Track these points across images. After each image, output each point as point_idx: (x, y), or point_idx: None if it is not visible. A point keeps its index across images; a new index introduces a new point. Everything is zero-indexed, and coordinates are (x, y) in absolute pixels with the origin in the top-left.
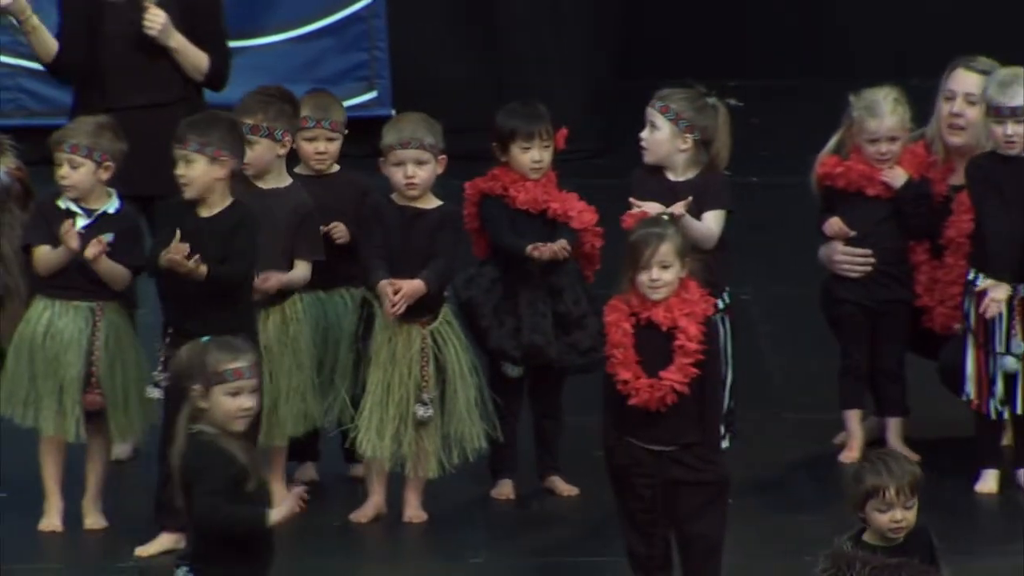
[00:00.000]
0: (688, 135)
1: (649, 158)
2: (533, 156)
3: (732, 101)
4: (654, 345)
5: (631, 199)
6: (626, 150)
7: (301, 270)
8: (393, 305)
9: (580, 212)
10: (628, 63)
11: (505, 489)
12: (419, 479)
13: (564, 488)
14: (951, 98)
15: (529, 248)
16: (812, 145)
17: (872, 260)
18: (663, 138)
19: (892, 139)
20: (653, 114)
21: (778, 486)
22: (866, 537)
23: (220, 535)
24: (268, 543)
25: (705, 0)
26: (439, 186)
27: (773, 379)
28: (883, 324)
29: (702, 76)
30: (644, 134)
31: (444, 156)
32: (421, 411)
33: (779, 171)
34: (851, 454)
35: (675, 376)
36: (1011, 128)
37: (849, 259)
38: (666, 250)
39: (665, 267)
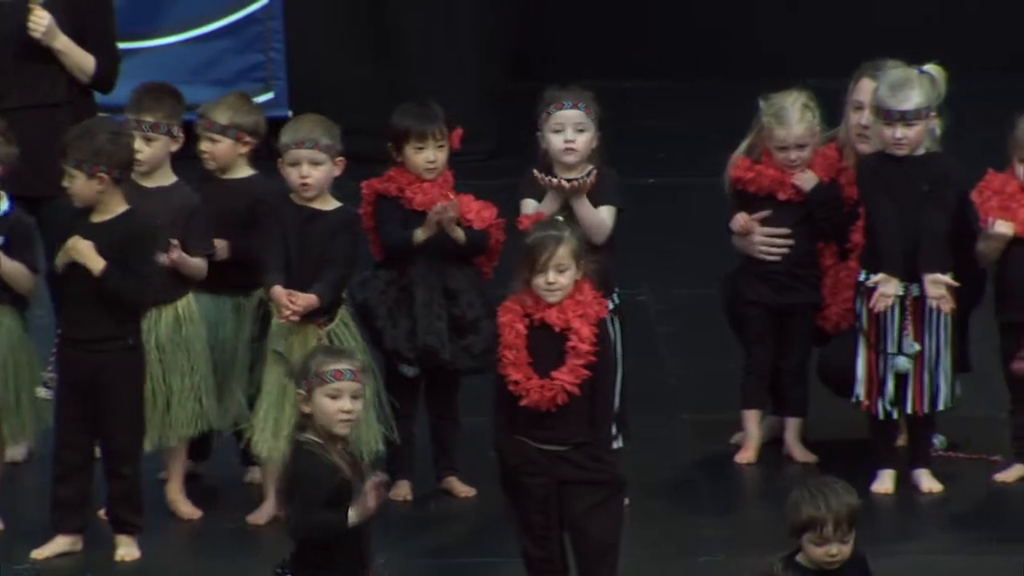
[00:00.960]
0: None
1: (574, 159)
2: (427, 156)
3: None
4: (547, 346)
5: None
6: (524, 150)
7: (196, 263)
8: (288, 314)
9: (478, 212)
10: (523, 64)
11: (402, 490)
12: None
13: (461, 489)
14: (860, 108)
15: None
16: (710, 146)
17: (790, 242)
18: (590, 138)
19: (801, 146)
20: (579, 116)
21: (675, 487)
22: (800, 559)
23: (315, 543)
24: (360, 549)
25: (600, 1)
26: (336, 187)
27: (670, 380)
28: (790, 326)
29: (598, 77)
30: (569, 135)
31: (342, 158)
32: None
33: (676, 172)
34: (747, 454)
35: (566, 377)
36: (900, 131)
37: (768, 240)
38: (563, 253)
39: (562, 270)
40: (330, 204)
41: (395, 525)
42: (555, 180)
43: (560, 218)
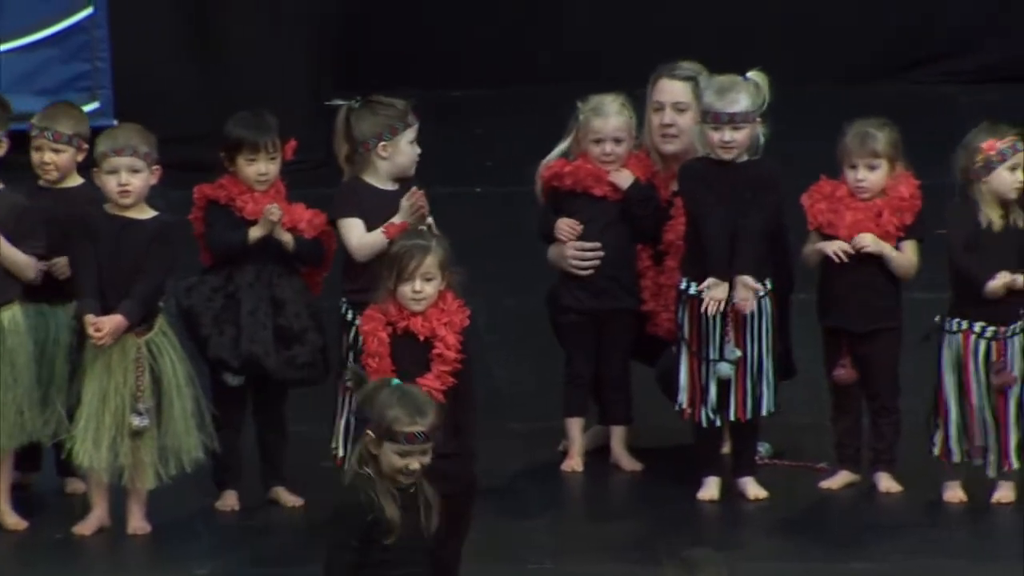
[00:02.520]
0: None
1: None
2: (259, 168)
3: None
4: (411, 354)
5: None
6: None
7: (24, 258)
8: (97, 341)
9: (310, 220)
10: (352, 73)
11: (229, 500)
12: (139, 491)
13: (288, 499)
14: (660, 108)
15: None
16: (537, 154)
17: (601, 254)
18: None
19: (617, 140)
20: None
21: (503, 495)
22: None
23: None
24: None
25: (429, 11)
26: (161, 197)
27: (499, 389)
28: (608, 332)
29: (426, 87)
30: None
31: (158, 167)
32: (137, 421)
33: (503, 181)
34: (571, 462)
35: (433, 383)
36: (729, 134)
37: (580, 255)
38: (430, 262)
39: (428, 279)
40: (146, 213)
41: (221, 535)
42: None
43: (425, 228)
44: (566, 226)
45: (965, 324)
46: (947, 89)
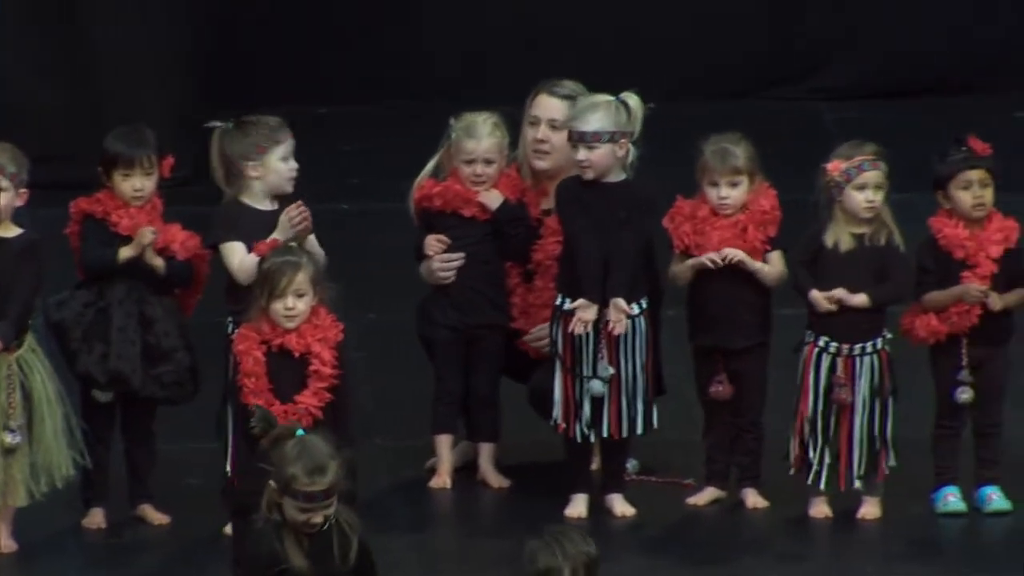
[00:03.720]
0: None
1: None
2: (134, 184)
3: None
4: (287, 372)
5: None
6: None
7: None
8: None
9: (182, 242)
10: (220, 88)
11: (96, 518)
12: (9, 508)
13: (155, 516)
14: (536, 123)
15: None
16: (403, 171)
17: (461, 263)
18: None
19: (488, 161)
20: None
21: (371, 511)
22: None
23: None
24: None
25: (296, 26)
26: (26, 215)
27: (367, 405)
28: (477, 348)
29: (293, 102)
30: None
31: (26, 190)
32: (9, 438)
33: (370, 198)
34: (440, 479)
35: (311, 400)
36: (583, 153)
37: (444, 265)
38: (302, 279)
39: (300, 295)
40: (11, 231)
41: (88, 553)
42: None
43: (294, 244)
44: (433, 241)
45: (812, 337)
46: (812, 106)
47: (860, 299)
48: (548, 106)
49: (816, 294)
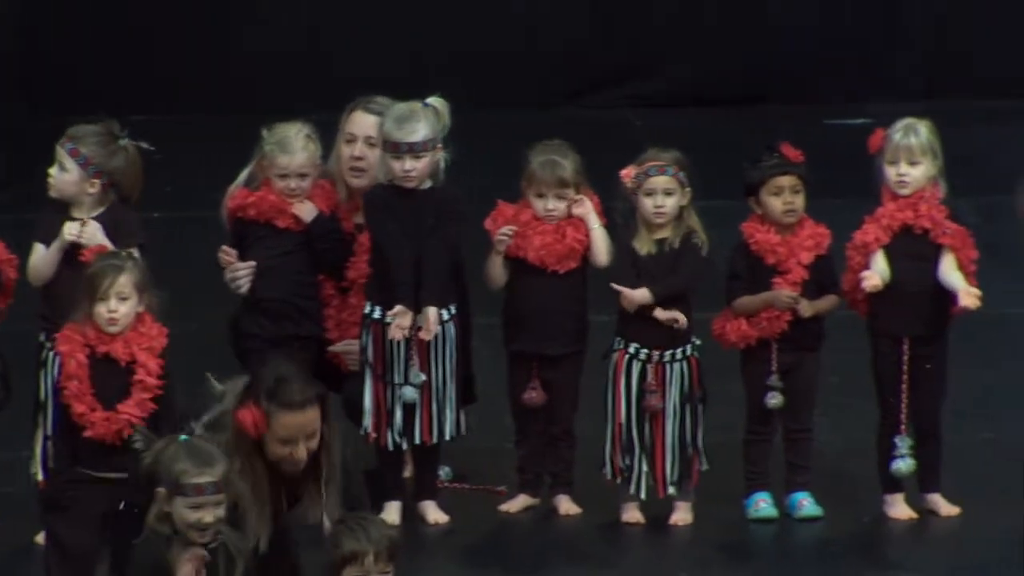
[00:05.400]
0: (96, 180)
1: (55, 194)
2: None
3: (144, 144)
4: (111, 379)
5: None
6: (35, 183)
7: None
8: None
9: None
10: (34, 95)
11: None
12: None
13: None
14: (352, 140)
15: None
16: (216, 180)
17: (250, 272)
18: (72, 180)
19: (302, 175)
20: (62, 155)
21: None
22: None
23: None
24: None
25: (112, 34)
26: None
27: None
28: (289, 358)
29: (109, 110)
30: (53, 171)
31: None
32: None
33: (182, 206)
34: None
35: (133, 410)
36: (409, 163)
37: (234, 275)
38: (124, 282)
39: (123, 299)
40: None
41: None
42: None
43: (125, 252)
44: (222, 253)
45: (623, 344)
46: (622, 113)
47: (642, 294)
48: (364, 123)
49: (625, 290)
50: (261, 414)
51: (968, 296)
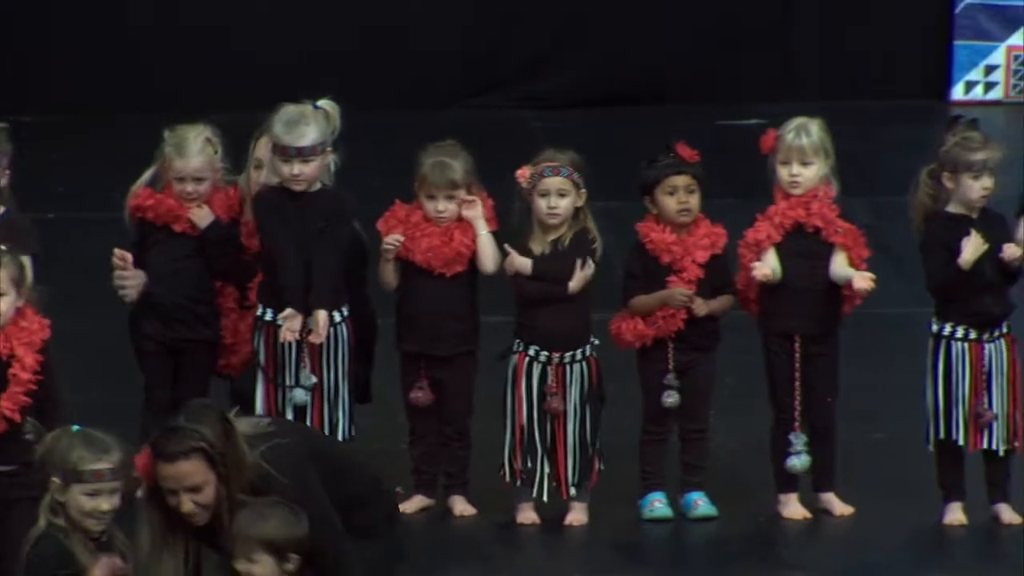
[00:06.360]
0: None
1: None
2: None
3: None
4: None
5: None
6: None
7: None
8: None
9: None
10: None
11: None
12: None
13: None
14: (260, 167)
15: None
16: (116, 179)
17: (137, 282)
18: None
19: (198, 179)
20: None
21: None
22: None
23: None
24: None
25: (4, 35)
26: None
27: (71, 416)
28: (185, 360)
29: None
30: None
31: None
32: None
33: (77, 206)
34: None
35: (6, 403)
36: (297, 168)
37: (120, 283)
38: (2, 277)
39: (0, 295)
40: None
41: None
42: None
43: (3, 247)
44: (116, 257)
45: (522, 346)
46: (521, 114)
47: (522, 263)
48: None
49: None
50: (149, 461)
51: (862, 280)
